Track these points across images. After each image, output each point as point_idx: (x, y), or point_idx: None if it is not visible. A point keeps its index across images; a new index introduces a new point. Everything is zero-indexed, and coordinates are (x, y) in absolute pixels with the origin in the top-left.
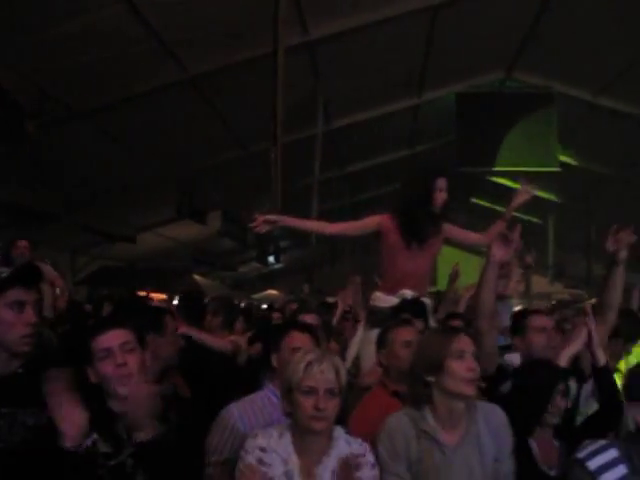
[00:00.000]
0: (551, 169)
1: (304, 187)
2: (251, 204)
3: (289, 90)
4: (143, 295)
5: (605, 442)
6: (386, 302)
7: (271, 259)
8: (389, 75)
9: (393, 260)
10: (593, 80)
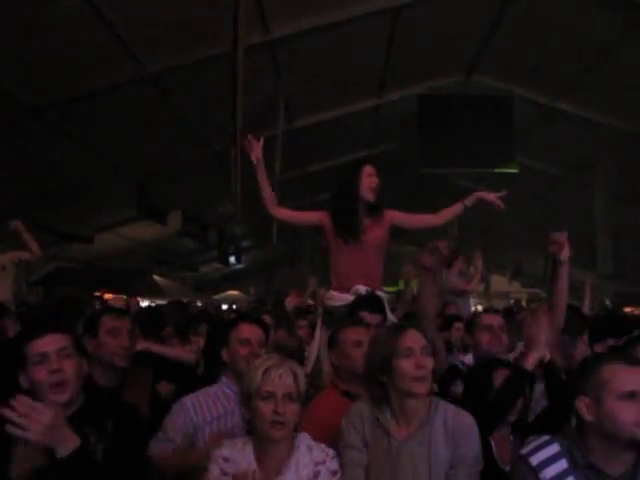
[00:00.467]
0: (509, 170)
1: None
2: (211, 204)
3: (250, 89)
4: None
5: (548, 438)
6: (341, 300)
7: (232, 259)
8: (350, 75)
9: (337, 257)
10: (551, 84)
